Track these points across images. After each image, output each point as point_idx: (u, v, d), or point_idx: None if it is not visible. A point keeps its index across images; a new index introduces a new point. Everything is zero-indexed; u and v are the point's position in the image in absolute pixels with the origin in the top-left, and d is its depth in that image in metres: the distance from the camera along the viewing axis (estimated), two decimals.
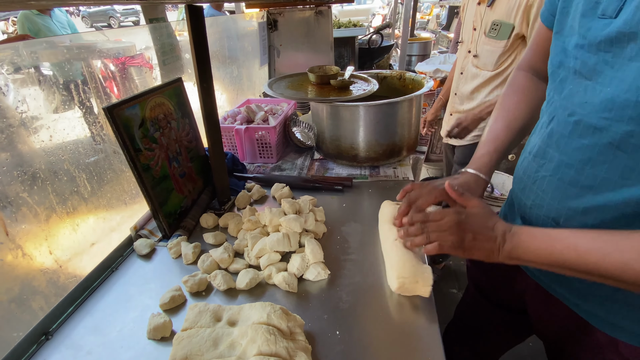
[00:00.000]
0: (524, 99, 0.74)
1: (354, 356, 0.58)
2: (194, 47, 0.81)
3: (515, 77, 0.77)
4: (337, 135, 1.15)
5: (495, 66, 1.44)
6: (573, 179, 0.53)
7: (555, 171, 0.56)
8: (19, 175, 0.66)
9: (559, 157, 0.55)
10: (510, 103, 0.75)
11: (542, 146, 0.59)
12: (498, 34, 1.37)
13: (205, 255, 0.79)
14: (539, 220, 0.60)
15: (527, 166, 0.63)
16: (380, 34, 2.45)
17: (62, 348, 0.61)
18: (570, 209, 0.54)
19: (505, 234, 0.56)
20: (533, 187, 0.60)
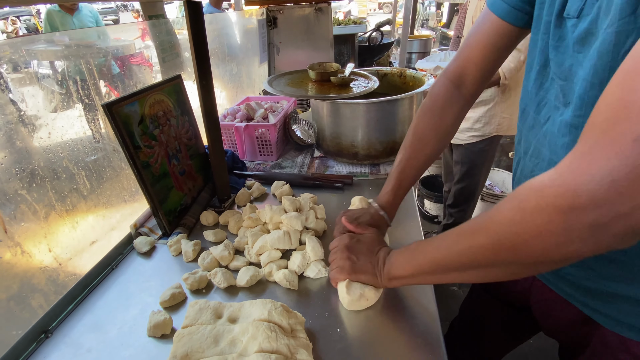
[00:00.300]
0: (437, 122, 0.73)
1: (356, 354, 0.57)
2: (193, 44, 0.81)
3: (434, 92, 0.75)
4: (337, 132, 1.14)
5: None
6: None
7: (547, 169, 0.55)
8: (18, 173, 0.65)
9: (550, 156, 0.55)
10: (422, 128, 0.75)
11: (537, 146, 0.59)
12: None
13: (205, 253, 0.78)
14: None
15: (523, 166, 0.63)
16: (380, 31, 2.44)
17: (61, 346, 0.61)
18: None
19: (384, 258, 0.61)
20: None
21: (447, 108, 0.72)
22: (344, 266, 0.64)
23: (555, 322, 0.68)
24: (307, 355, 0.55)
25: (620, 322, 0.55)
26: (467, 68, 0.69)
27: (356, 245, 0.66)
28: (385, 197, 0.77)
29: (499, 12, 0.61)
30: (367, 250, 0.65)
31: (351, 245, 0.66)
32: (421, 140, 0.74)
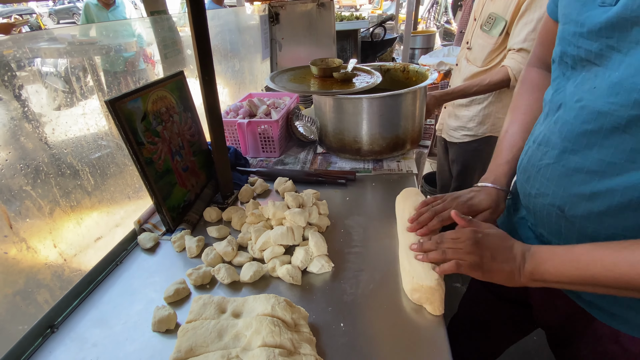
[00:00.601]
0: (537, 97, 0.72)
1: (359, 348, 0.57)
2: (195, 39, 0.80)
3: (526, 75, 0.76)
4: (340, 128, 1.14)
5: (483, 62, 1.39)
6: (578, 165, 0.52)
7: (558, 158, 0.55)
8: (22, 169, 0.66)
9: (562, 143, 0.54)
10: (523, 103, 0.75)
11: (546, 134, 0.58)
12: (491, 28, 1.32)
13: (209, 249, 0.79)
14: (543, 210, 0.59)
15: (531, 155, 0.62)
16: (383, 26, 2.42)
17: (67, 341, 0.62)
18: (576, 196, 0.53)
19: (525, 254, 0.55)
20: (537, 176, 0.59)
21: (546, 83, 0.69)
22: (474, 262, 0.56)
23: (549, 312, 0.69)
24: (311, 350, 0.55)
25: (612, 314, 0.56)
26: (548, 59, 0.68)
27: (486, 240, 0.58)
28: (501, 169, 0.73)
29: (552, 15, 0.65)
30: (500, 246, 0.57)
31: (479, 239, 0.57)
32: (527, 114, 0.73)
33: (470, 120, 1.54)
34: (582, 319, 0.61)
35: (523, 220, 0.69)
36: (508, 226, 0.75)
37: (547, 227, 0.61)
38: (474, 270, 0.57)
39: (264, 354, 0.50)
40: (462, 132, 1.59)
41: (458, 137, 1.62)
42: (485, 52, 1.36)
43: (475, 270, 0.57)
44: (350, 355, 0.56)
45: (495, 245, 0.57)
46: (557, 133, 0.55)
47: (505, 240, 0.58)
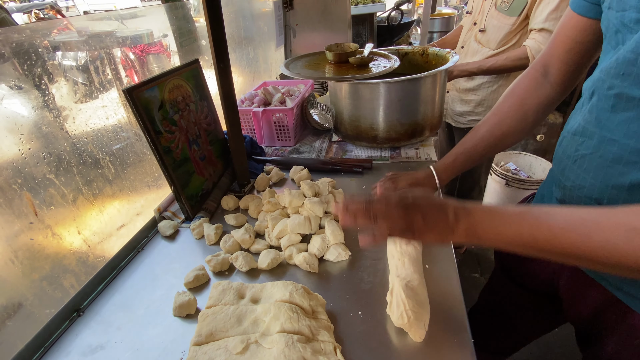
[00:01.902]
0: (518, 102, 0.72)
1: (377, 337, 0.57)
2: (210, 25, 0.80)
3: (519, 78, 0.74)
4: (356, 115, 1.12)
5: (498, 44, 1.33)
6: (616, 155, 0.49)
7: (596, 148, 0.52)
8: (45, 157, 0.67)
9: (600, 132, 0.51)
10: (502, 106, 0.74)
11: (581, 123, 0.55)
12: (510, 8, 1.25)
13: (227, 236, 0.79)
14: (580, 202, 0.57)
15: (566, 145, 0.59)
16: (400, 10, 2.35)
17: (92, 324, 0.64)
18: (615, 187, 0.50)
19: (458, 211, 0.50)
20: (573, 167, 0.57)
21: (531, 91, 0.71)
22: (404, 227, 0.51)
23: (581, 305, 0.66)
24: (329, 337, 0.54)
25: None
26: (551, 61, 0.69)
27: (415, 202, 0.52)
28: (443, 160, 0.76)
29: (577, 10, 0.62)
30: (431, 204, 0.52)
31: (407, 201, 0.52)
32: (498, 115, 0.74)
33: (478, 104, 1.49)
34: (615, 311, 0.58)
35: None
36: None
37: None
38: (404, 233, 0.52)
39: (283, 339, 0.50)
40: (469, 117, 1.54)
41: (465, 123, 1.57)
42: (502, 33, 1.30)
43: (406, 233, 0.52)
44: (369, 343, 0.56)
45: (425, 204, 0.52)
46: (594, 122, 0.52)
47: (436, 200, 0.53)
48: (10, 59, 0.66)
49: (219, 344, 0.53)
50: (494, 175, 2.06)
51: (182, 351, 0.57)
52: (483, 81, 1.43)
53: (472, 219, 0.50)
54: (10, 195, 0.61)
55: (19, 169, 0.63)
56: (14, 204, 0.61)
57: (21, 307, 0.63)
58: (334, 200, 0.88)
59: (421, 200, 0.53)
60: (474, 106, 1.51)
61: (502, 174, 2.07)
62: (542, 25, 1.18)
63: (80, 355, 0.58)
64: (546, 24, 1.17)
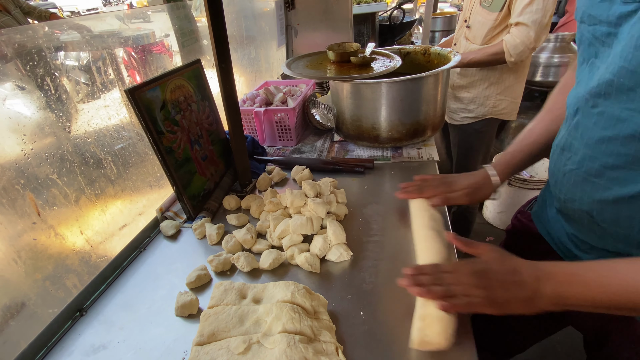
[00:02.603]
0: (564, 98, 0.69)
1: (379, 337, 0.57)
2: (211, 24, 0.80)
3: (567, 76, 0.74)
4: (357, 115, 1.11)
5: (483, 40, 1.35)
6: (598, 172, 0.51)
7: (580, 164, 0.54)
8: (48, 157, 0.68)
9: (584, 150, 0.53)
10: (555, 104, 0.73)
11: (568, 139, 0.57)
12: (492, 4, 1.28)
13: (229, 236, 0.79)
14: (575, 214, 0.58)
15: (556, 159, 0.61)
16: (401, 9, 2.34)
17: (95, 323, 0.64)
18: (601, 202, 0.52)
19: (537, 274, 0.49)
20: (563, 181, 0.58)
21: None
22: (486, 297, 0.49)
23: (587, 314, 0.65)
24: (331, 337, 0.54)
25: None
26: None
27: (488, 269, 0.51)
28: (501, 157, 0.74)
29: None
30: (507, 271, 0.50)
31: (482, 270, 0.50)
32: (552, 112, 0.72)
33: (471, 102, 1.51)
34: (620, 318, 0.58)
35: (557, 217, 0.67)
36: (542, 219, 0.73)
37: (580, 230, 0.60)
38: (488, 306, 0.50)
39: (285, 339, 0.50)
40: (462, 114, 1.56)
41: (458, 120, 1.59)
42: (485, 29, 1.32)
43: (491, 306, 0.50)
44: (371, 343, 0.56)
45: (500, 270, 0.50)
46: (579, 138, 0.54)
47: (507, 263, 0.51)
48: (13, 59, 0.67)
49: (221, 344, 0.53)
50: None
51: (184, 351, 0.57)
52: (475, 79, 1.45)
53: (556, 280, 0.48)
54: (14, 196, 0.61)
55: (22, 169, 0.63)
56: (17, 204, 0.62)
57: (24, 306, 0.63)
58: (336, 200, 0.88)
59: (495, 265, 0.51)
60: (467, 103, 1.52)
61: None
62: (518, 19, 1.20)
63: (83, 354, 0.58)
64: (521, 17, 1.19)
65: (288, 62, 1.19)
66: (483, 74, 1.42)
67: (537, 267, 0.49)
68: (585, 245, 0.60)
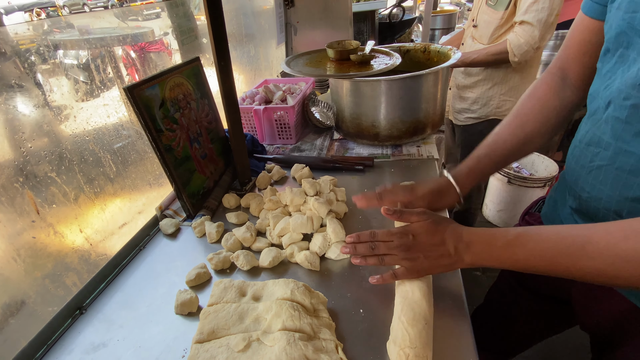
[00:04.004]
0: (539, 105, 0.70)
1: (379, 335, 0.57)
2: (210, 22, 0.79)
3: (537, 82, 0.73)
4: (357, 113, 1.11)
5: (489, 40, 1.34)
6: (634, 167, 0.48)
7: (612, 160, 0.51)
8: (47, 155, 0.67)
9: (616, 144, 0.50)
10: (522, 108, 0.72)
11: (596, 133, 0.54)
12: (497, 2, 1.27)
13: (228, 234, 0.79)
14: (598, 214, 0.55)
15: (579, 155, 0.58)
16: (401, 7, 2.34)
17: (95, 322, 0.64)
18: (634, 200, 0.49)
19: (458, 246, 0.55)
20: (588, 178, 0.55)
21: (551, 94, 0.70)
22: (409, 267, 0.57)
23: (596, 314, 0.64)
24: (330, 335, 0.54)
25: None
26: (567, 64, 0.69)
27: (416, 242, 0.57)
28: (465, 164, 0.72)
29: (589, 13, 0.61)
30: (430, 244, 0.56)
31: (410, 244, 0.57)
32: (519, 117, 0.71)
33: (474, 102, 1.50)
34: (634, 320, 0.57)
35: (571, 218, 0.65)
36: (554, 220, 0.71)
37: None
38: (411, 274, 0.58)
39: (284, 337, 0.51)
40: (466, 114, 1.55)
41: (462, 120, 1.58)
42: (491, 28, 1.31)
43: (412, 274, 0.58)
44: (370, 341, 0.56)
45: (426, 243, 0.57)
46: (610, 133, 0.51)
47: (435, 235, 0.57)
48: (12, 57, 0.66)
49: (220, 342, 0.53)
50: (496, 174, 2.05)
51: (184, 349, 0.57)
52: (479, 79, 1.44)
53: (473, 251, 0.54)
54: (12, 194, 0.61)
55: (21, 167, 0.63)
56: (16, 202, 0.62)
57: (24, 305, 0.63)
58: (336, 198, 0.88)
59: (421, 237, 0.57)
60: (470, 103, 1.51)
61: (504, 172, 2.06)
62: (522, 18, 1.18)
63: (83, 352, 0.58)
64: (526, 16, 1.17)
65: (287, 60, 1.19)
66: (487, 73, 1.41)
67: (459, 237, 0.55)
68: None
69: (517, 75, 1.39)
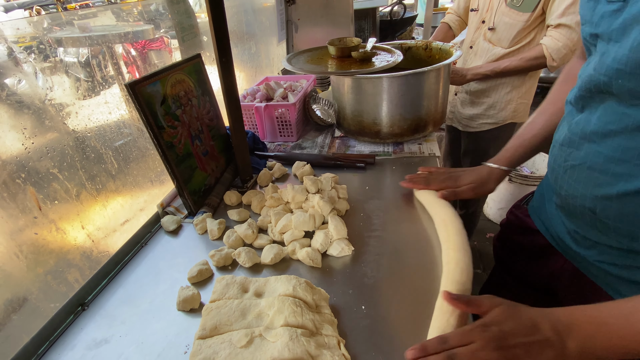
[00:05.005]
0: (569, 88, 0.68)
1: (381, 331, 0.57)
2: (212, 19, 0.79)
3: (570, 65, 0.72)
4: (359, 110, 1.11)
5: (510, 43, 1.27)
6: (603, 167, 0.50)
7: (583, 159, 0.53)
8: (49, 152, 0.67)
9: (587, 144, 0.52)
10: (557, 93, 0.72)
11: (567, 134, 0.56)
12: (522, 3, 1.19)
13: (230, 231, 0.79)
14: (576, 211, 0.57)
15: (556, 155, 0.60)
16: (402, 4, 2.33)
17: (97, 318, 0.64)
18: (604, 198, 0.51)
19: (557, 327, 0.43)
20: (565, 177, 0.57)
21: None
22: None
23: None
24: (332, 331, 0.55)
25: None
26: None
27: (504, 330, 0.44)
28: (503, 153, 0.76)
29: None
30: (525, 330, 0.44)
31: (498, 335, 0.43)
32: (555, 104, 0.72)
33: (490, 107, 1.44)
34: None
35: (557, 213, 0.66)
36: (540, 214, 0.72)
37: (581, 227, 0.59)
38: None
39: (287, 333, 0.51)
40: (480, 120, 1.49)
41: (475, 126, 1.51)
42: (514, 31, 1.24)
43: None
44: (372, 337, 0.56)
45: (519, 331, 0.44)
46: (580, 134, 0.53)
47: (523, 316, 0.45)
48: (13, 54, 0.66)
49: (223, 338, 0.53)
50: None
51: (187, 345, 0.57)
52: (496, 83, 1.38)
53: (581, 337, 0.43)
54: (14, 190, 0.61)
55: (23, 163, 0.63)
56: (18, 199, 0.62)
57: (26, 301, 0.63)
58: (337, 195, 0.88)
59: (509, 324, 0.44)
60: (486, 109, 1.45)
61: None
62: (559, 21, 1.12)
63: (85, 349, 0.59)
64: (563, 19, 1.12)
65: (289, 57, 1.19)
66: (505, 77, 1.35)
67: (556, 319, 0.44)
68: (587, 241, 0.60)
69: (532, 77, 1.36)
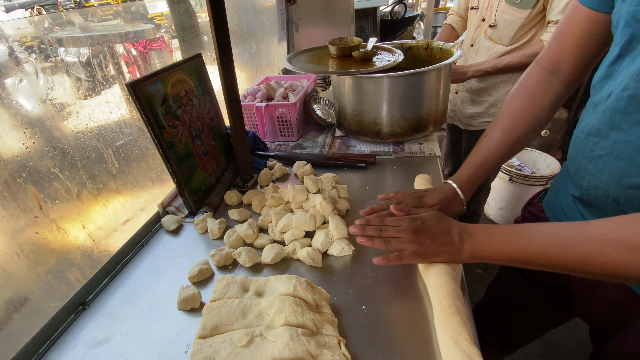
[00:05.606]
0: (529, 104, 0.70)
1: (381, 330, 0.57)
2: (212, 19, 0.79)
3: (526, 77, 0.72)
4: (359, 110, 1.11)
5: (511, 40, 1.28)
6: (631, 156, 0.49)
7: (611, 149, 0.52)
8: (50, 151, 0.67)
9: (616, 133, 0.51)
10: (513, 109, 0.72)
11: (595, 123, 0.55)
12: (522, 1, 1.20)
13: (230, 231, 0.79)
14: (598, 202, 0.56)
15: (580, 145, 0.59)
16: (403, 4, 2.33)
17: (98, 317, 0.64)
18: (631, 187, 0.50)
19: (462, 235, 0.58)
20: (588, 167, 0.57)
21: (541, 91, 0.69)
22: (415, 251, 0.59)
23: (594, 301, 0.65)
24: (333, 331, 0.55)
25: None
26: (561, 56, 0.67)
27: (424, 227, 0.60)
28: (464, 172, 0.75)
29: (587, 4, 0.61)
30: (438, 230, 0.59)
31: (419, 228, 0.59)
32: (510, 119, 0.71)
33: (491, 105, 1.44)
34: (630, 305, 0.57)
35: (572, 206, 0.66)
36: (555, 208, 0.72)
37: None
38: (415, 258, 0.60)
39: (287, 332, 0.51)
40: (481, 119, 1.49)
41: (476, 125, 1.52)
42: (514, 28, 1.25)
43: (417, 258, 0.60)
44: (373, 337, 0.56)
45: (434, 230, 0.59)
46: (608, 123, 0.52)
47: (442, 223, 0.60)
48: (14, 53, 0.66)
49: (223, 337, 0.53)
50: (498, 172, 2.05)
51: (187, 344, 0.57)
52: (497, 81, 1.38)
53: (474, 240, 0.57)
54: (15, 189, 0.61)
55: (24, 162, 0.63)
56: (19, 198, 0.62)
57: (27, 300, 0.63)
58: (338, 195, 0.88)
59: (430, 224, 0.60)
60: (487, 107, 1.45)
61: (506, 170, 2.06)
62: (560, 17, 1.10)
63: (86, 348, 0.59)
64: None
65: (289, 56, 1.19)
66: (507, 75, 1.35)
67: (464, 229, 0.58)
68: None
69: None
